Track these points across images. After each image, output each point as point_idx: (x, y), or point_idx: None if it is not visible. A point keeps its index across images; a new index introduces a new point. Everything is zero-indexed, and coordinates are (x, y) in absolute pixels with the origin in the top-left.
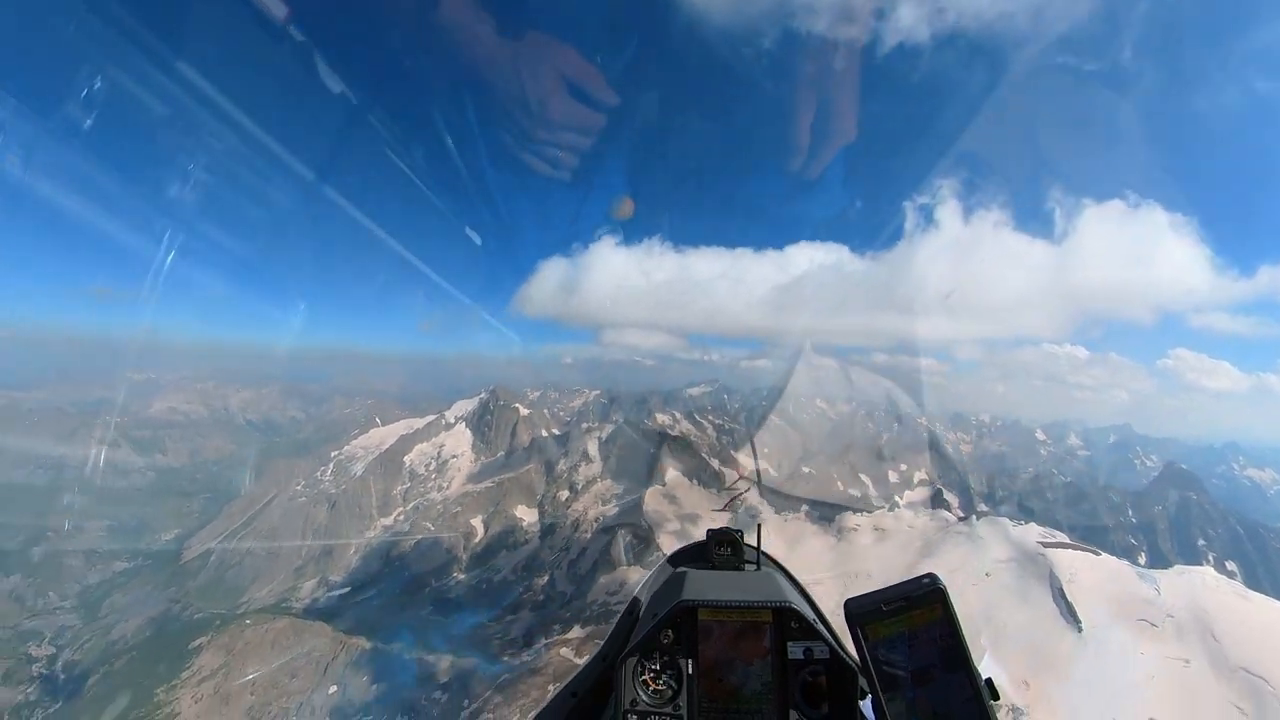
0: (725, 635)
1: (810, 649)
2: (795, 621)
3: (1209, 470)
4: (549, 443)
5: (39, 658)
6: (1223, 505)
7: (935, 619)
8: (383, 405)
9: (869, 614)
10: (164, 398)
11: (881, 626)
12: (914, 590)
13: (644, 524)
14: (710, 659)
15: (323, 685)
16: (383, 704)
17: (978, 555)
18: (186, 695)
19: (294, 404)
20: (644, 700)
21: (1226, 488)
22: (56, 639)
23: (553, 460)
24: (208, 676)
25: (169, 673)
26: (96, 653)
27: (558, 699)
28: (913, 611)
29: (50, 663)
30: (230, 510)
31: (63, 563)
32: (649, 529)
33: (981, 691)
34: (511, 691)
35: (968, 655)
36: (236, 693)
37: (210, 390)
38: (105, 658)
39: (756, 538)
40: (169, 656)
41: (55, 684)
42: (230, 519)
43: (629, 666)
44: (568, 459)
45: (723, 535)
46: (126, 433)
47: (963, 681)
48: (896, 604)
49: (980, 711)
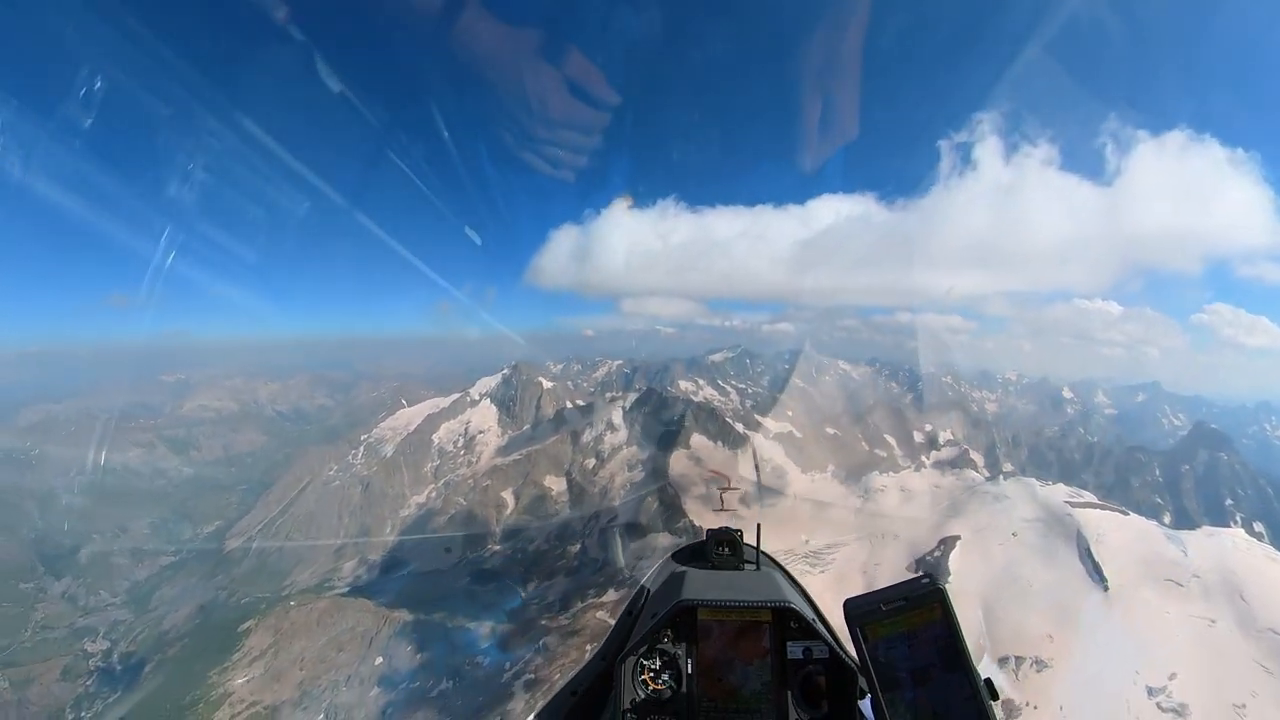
0: (725, 635)
1: (810, 649)
2: (795, 621)
3: (1240, 430)
4: (574, 414)
5: (95, 653)
6: (1253, 466)
7: (934, 619)
8: (408, 387)
9: (868, 614)
10: (194, 397)
11: (881, 626)
12: (913, 590)
13: (670, 488)
14: (710, 658)
15: (369, 657)
16: (428, 671)
17: (1004, 515)
18: (239, 675)
19: (321, 392)
20: (643, 700)
21: (1257, 448)
22: (110, 633)
23: (578, 431)
24: (258, 656)
25: (220, 656)
26: (150, 643)
27: (558, 698)
28: (912, 611)
29: (106, 656)
30: (267, 499)
31: (110, 562)
32: (675, 493)
33: (980, 691)
34: (551, 653)
35: (967, 655)
36: (286, 669)
37: (239, 386)
38: (159, 646)
39: (756, 538)
40: (219, 641)
41: (113, 675)
42: (268, 508)
43: (629, 666)
44: (593, 429)
45: (722, 535)
46: (161, 434)
47: (962, 681)
48: (896, 604)
49: (979, 711)
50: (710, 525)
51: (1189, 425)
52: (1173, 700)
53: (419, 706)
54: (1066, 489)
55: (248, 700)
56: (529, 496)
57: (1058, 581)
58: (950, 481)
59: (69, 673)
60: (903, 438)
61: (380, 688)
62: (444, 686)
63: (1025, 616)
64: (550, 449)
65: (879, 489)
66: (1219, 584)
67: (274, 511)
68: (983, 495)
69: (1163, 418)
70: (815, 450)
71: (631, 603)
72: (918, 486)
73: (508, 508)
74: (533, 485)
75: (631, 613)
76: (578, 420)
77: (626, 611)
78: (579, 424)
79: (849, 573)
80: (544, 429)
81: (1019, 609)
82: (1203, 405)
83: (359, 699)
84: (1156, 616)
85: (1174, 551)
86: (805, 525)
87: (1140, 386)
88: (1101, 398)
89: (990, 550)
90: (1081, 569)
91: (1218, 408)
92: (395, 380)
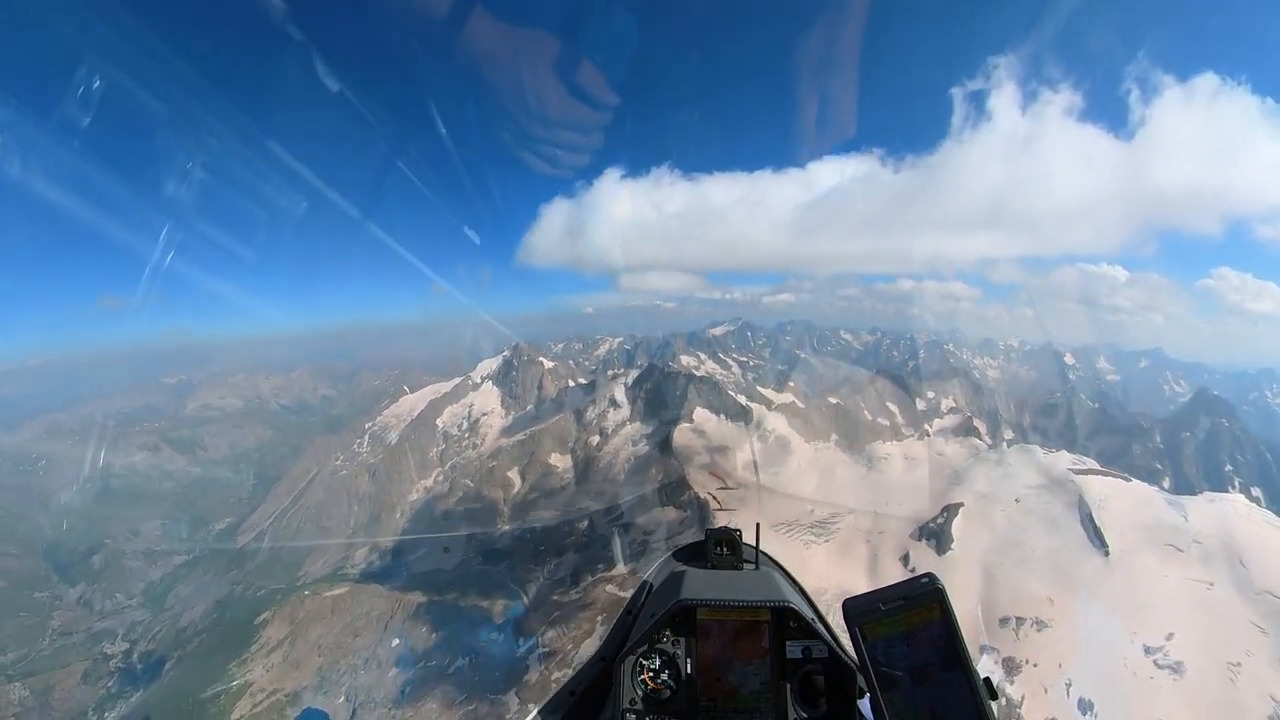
0: (724, 635)
1: (809, 648)
2: (794, 621)
3: (1241, 397)
4: (576, 392)
5: (114, 654)
6: (1253, 432)
7: (933, 618)
8: (409, 373)
9: (867, 613)
10: (197, 396)
11: (880, 626)
12: (912, 590)
13: (674, 461)
14: (709, 658)
15: (385, 640)
16: (443, 649)
17: (1007, 482)
18: (258, 666)
19: (323, 383)
20: (642, 699)
21: (1258, 415)
22: (129, 634)
23: (581, 409)
24: (276, 646)
25: (239, 649)
26: (168, 641)
27: (557, 698)
28: (911, 611)
29: (126, 656)
30: (276, 493)
31: (124, 565)
32: (679, 465)
33: (979, 690)
34: (564, 626)
35: (966, 654)
36: (305, 657)
37: (241, 382)
38: (177, 644)
39: (755, 537)
40: (237, 634)
41: (134, 674)
42: (277, 501)
43: (628, 666)
44: (596, 406)
45: (721, 535)
46: (166, 435)
47: (960, 680)
48: (895, 603)
49: (978, 710)
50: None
51: (1190, 392)
52: (1169, 659)
53: (437, 683)
54: (1069, 456)
55: (268, 689)
56: (535, 475)
57: (1059, 547)
58: (954, 449)
59: (90, 676)
60: (905, 406)
61: (398, 668)
62: (460, 663)
63: (1026, 580)
64: (554, 428)
65: (882, 457)
66: (1219, 548)
67: (284, 504)
68: (986, 462)
69: (1164, 384)
70: (818, 420)
71: (631, 602)
72: (921, 454)
73: (514, 487)
74: (538, 464)
75: (631, 612)
76: (580, 398)
77: (626, 611)
78: (582, 402)
79: (853, 541)
80: (547, 408)
81: (1020, 573)
82: (1204, 372)
83: (377, 680)
84: (1156, 580)
85: (1174, 517)
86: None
87: (1143, 352)
88: (1104, 364)
89: (993, 517)
90: (1083, 534)
91: (1219, 374)
92: (396, 368)
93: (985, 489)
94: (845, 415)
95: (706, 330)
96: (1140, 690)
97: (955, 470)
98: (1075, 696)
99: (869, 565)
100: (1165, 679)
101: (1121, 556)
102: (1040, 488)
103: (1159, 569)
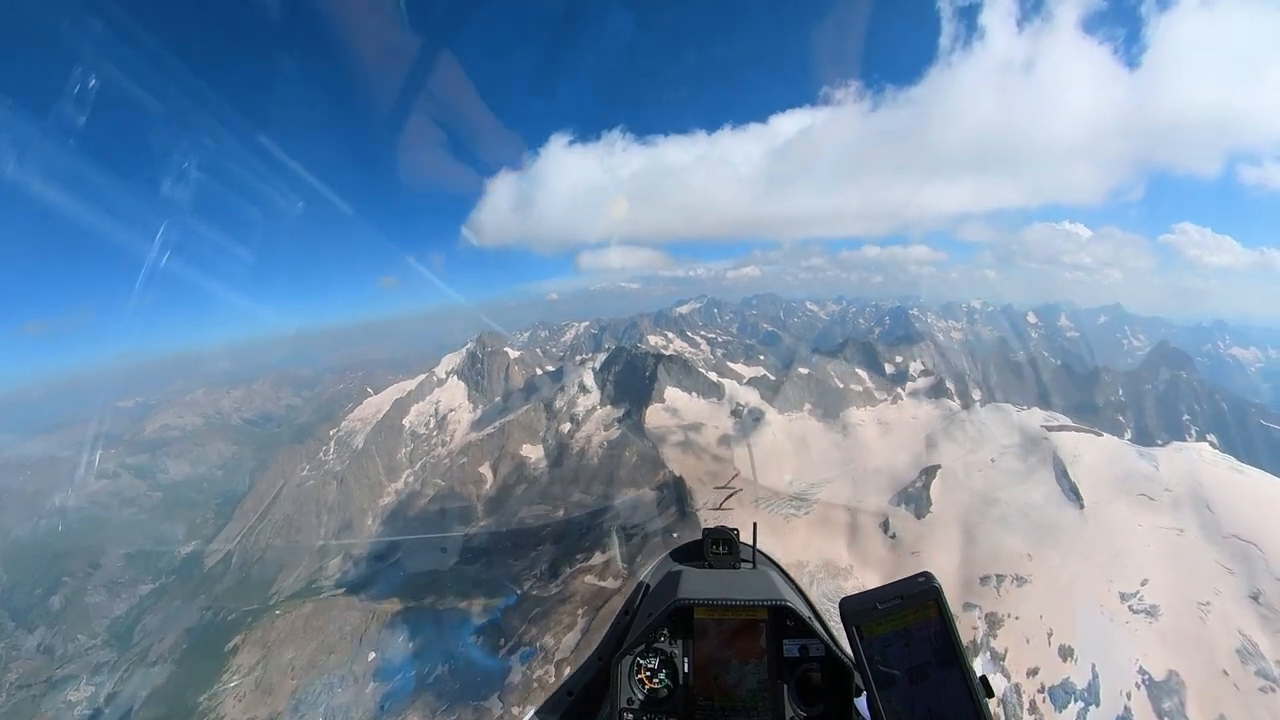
0: (721, 634)
1: (806, 647)
2: (791, 620)
3: (1196, 349)
4: (544, 380)
5: (78, 701)
6: (1209, 383)
7: (930, 617)
8: (372, 375)
9: (864, 612)
10: (154, 418)
11: (876, 625)
12: (909, 589)
13: (648, 441)
14: (706, 657)
15: (361, 654)
16: (422, 658)
17: (983, 442)
18: (229, 696)
19: (287, 392)
20: (640, 699)
21: (1211, 365)
22: (94, 678)
23: (550, 397)
24: (247, 673)
25: (209, 680)
26: (136, 678)
27: (554, 697)
28: (908, 610)
29: (91, 702)
30: (243, 509)
31: (85, 602)
32: (654, 445)
33: (976, 689)
34: (545, 622)
35: (962, 653)
36: (278, 681)
37: (200, 399)
38: (145, 681)
39: (753, 536)
40: (207, 663)
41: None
42: (244, 518)
43: (625, 665)
44: (565, 393)
45: (718, 534)
46: (123, 462)
47: (957, 679)
48: (891, 602)
49: (975, 708)
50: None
51: (1149, 345)
52: (1144, 604)
53: (417, 694)
54: (1042, 413)
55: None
56: (507, 468)
57: (1036, 503)
58: (927, 411)
59: None
60: (875, 372)
61: (376, 682)
62: (439, 671)
63: (1005, 538)
64: (523, 418)
65: (857, 424)
66: (1187, 496)
67: (251, 521)
68: (960, 423)
69: (1123, 339)
70: (790, 391)
71: (628, 602)
72: (895, 419)
73: (487, 482)
74: (510, 457)
75: (628, 612)
76: (548, 386)
77: (623, 610)
78: (550, 390)
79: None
80: (515, 399)
81: (999, 531)
82: (1162, 326)
83: (355, 697)
84: (1129, 529)
85: (1146, 467)
86: (788, 466)
87: (1102, 309)
88: (1064, 321)
89: (970, 477)
90: (1058, 489)
91: (1177, 328)
92: (360, 369)
93: (961, 450)
94: (817, 384)
95: (672, 309)
96: (1118, 634)
97: (930, 433)
98: (1056, 644)
99: (849, 535)
100: (1141, 622)
101: (1096, 509)
102: (1015, 445)
103: (1132, 519)
